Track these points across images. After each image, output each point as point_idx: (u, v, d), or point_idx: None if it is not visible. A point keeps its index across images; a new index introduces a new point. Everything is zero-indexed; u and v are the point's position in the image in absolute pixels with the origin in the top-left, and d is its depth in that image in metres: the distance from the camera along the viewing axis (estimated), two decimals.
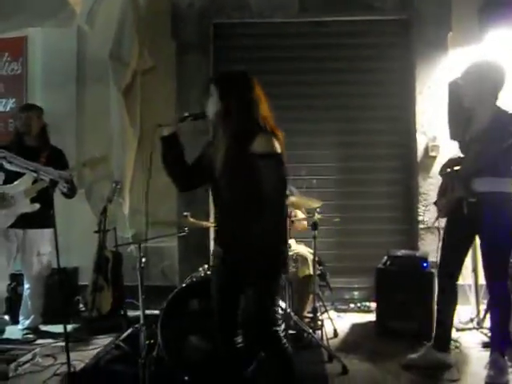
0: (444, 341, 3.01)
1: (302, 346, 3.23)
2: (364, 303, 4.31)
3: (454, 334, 3.52)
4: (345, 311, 4.28)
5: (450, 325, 3.03)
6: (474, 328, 3.68)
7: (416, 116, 4.41)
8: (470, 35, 4.29)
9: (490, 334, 3.03)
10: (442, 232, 3.03)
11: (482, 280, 3.41)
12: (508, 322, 2.84)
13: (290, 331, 3.11)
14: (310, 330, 3.22)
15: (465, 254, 2.98)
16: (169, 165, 2.23)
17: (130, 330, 3.20)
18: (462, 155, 2.94)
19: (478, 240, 2.94)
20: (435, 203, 3.08)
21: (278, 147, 2.05)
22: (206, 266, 3.20)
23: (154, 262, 4.45)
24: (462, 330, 3.63)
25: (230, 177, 2.09)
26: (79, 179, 4.23)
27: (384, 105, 4.55)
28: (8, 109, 4.53)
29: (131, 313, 3.85)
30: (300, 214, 3.76)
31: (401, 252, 3.74)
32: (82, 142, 4.48)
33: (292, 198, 3.22)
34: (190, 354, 2.77)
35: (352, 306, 4.35)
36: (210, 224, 3.65)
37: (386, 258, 3.71)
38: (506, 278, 2.81)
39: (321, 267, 4.24)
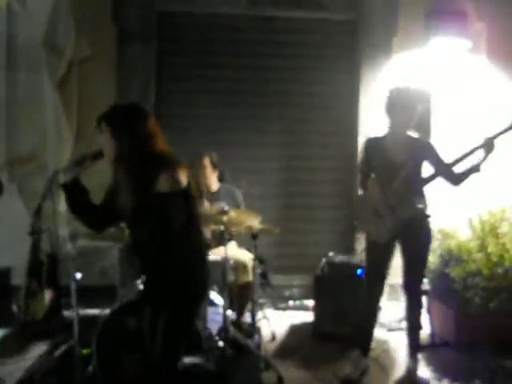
0: (369, 345, 3.18)
1: (241, 353, 3.29)
2: (302, 301, 4.43)
3: (384, 335, 3.76)
4: (284, 309, 4.40)
5: (373, 329, 3.20)
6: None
7: (359, 117, 4.47)
8: (414, 40, 4.35)
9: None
10: None
11: None
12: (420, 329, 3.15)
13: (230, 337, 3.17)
14: (247, 340, 3.28)
15: (391, 260, 3.12)
16: (76, 211, 2.13)
17: (64, 347, 3.12)
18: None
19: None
20: (355, 226, 3.19)
21: (182, 181, 2.00)
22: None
23: (93, 261, 4.33)
24: (393, 330, 3.85)
25: (139, 218, 2.04)
26: (9, 173, 4.00)
27: (327, 105, 4.58)
28: None
29: (69, 313, 3.77)
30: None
31: (338, 258, 3.85)
32: (13, 134, 4.17)
33: (231, 214, 3.19)
34: (124, 372, 2.76)
35: (291, 303, 4.48)
36: None
37: (323, 263, 3.81)
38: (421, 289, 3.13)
39: (262, 265, 4.33)
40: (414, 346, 3.12)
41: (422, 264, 3.08)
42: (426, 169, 3.04)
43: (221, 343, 3.07)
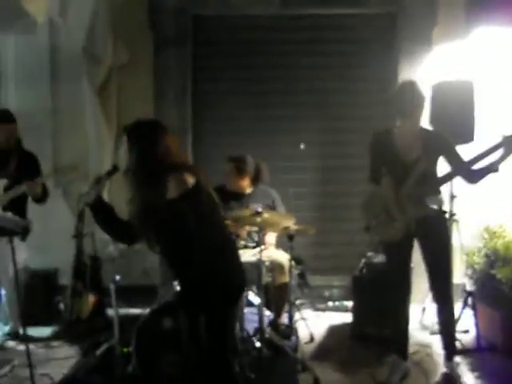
0: (406, 348, 3.10)
1: (277, 354, 3.28)
2: (342, 302, 4.36)
3: (426, 339, 3.65)
4: (323, 310, 4.35)
5: (407, 331, 3.11)
6: None
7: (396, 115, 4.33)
8: (455, 31, 4.18)
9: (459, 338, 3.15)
10: None
11: (456, 279, 3.47)
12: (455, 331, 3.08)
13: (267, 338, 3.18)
14: (283, 341, 3.27)
15: (410, 261, 3.04)
16: (104, 227, 2.19)
17: (105, 345, 3.22)
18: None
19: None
20: (367, 229, 3.06)
21: (189, 181, 2.03)
22: None
23: (135, 262, 4.45)
24: (435, 333, 3.71)
25: (156, 230, 2.07)
26: (55, 180, 4.17)
27: (363, 102, 4.48)
28: None
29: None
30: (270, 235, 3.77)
31: (377, 259, 3.76)
32: (59, 142, 4.37)
33: (265, 216, 3.19)
34: (162, 372, 2.83)
35: (330, 304, 4.42)
36: None
37: (362, 264, 3.74)
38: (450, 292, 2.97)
39: (300, 266, 4.31)
40: (450, 350, 3.00)
41: (445, 264, 2.95)
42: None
43: (257, 344, 3.09)
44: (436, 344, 3.53)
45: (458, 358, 3.04)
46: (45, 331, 3.86)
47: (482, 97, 4.18)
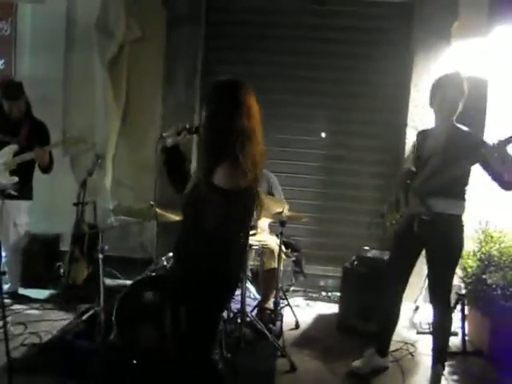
0: (385, 345, 3.08)
1: (259, 338, 3.31)
2: (335, 293, 4.35)
3: (412, 337, 3.62)
4: (315, 299, 4.35)
5: (391, 329, 3.08)
6: None
7: (408, 109, 4.25)
8: (476, 27, 4.02)
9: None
10: None
11: None
12: (448, 338, 2.95)
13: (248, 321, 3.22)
14: (264, 325, 3.28)
15: (412, 265, 2.97)
16: (169, 172, 2.22)
17: (91, 312, 3.33)
18: (413, 169, 2.90)
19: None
20: (382, 216, 3.04)
21: (240, 182, 1.87)
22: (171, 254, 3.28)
23: (133, 235, 4.55)
24: (423, 333, 3.68)
25: (187, 203, 2.04)
26: (63, 149, 4.27)
27: (374, 94, 4.39)
28: None
29: (110, 281, 4.00)
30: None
31: (371, 253, 3.74)
32: (69, 113, 4.46)
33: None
34: (141, 341, 2.90)
35: (323, 294, 4.43)
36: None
37: (354, 257, 3.72)
38: (448, 300, 2.86)
39: (296, 253, 4.31)
40: (439, 355, 2.93)
41: (446, 272, 2.81)
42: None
43: (239, 326, 3.12)
44: (422, 343, 3.51)
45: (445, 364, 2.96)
46: (42, 293, 4.02)
47: (498, 95, 4.07)
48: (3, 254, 3.87)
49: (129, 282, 3.41)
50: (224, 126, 1.91)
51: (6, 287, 3.84)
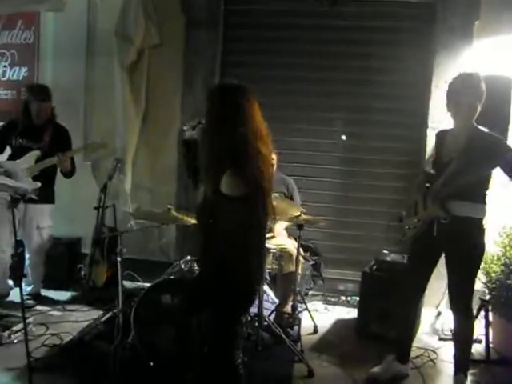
0: (405, 352, 3.01)
1: (277, 342, 3.28)
2: (354, 297, 4.30)
3: (434, 344, 3.53)
4: (334, 304, 4.30)
5: (411, 335, 3.03)
6: None
7: (429, 110, 4.17)
8: (498, 25, 3.92)
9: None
10: None
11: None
12: (470, 346, 2.86)
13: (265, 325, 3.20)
14: (282, 330, 3.26)
15: (431, 270, 2.91)
16: (187, 166, 2.27)
17: (110, 314, 3.36)
18: (433, 171, 2.84)
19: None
20: (400, 220, 2.97)
21: (244, 186, 1.85)
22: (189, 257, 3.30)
23: (153, 238, 4.60)
24: (445, 339, 3.59)
25: (201, 213, 2.05)
26: (84, 155, 4.36)
27: (394, 95, 4.32)
28: (21, 77, 4.61)
29: (130, 284, 4.05)
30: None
31: (389, 257, 3.67)
32: (90, 118, 4.54)
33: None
34: (159, 344, 2.91)
35: (343, 298, 4.37)
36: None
37: (373, 261, 3.66)
38: (469, 306, 2.76)
39: (315, 257, 4.28)
40: (461, 363, 2.85)
41: (466, 278, 2.72)
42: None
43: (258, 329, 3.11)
44: (444, 350, 3.43)
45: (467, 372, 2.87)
46: (64, 295, 4.09)
47: None
48: (27, 256, 3.96)
49: (148, 285, 3.46)
50: (224, 133, 1.91)
51: (29, 289, 3.95)
